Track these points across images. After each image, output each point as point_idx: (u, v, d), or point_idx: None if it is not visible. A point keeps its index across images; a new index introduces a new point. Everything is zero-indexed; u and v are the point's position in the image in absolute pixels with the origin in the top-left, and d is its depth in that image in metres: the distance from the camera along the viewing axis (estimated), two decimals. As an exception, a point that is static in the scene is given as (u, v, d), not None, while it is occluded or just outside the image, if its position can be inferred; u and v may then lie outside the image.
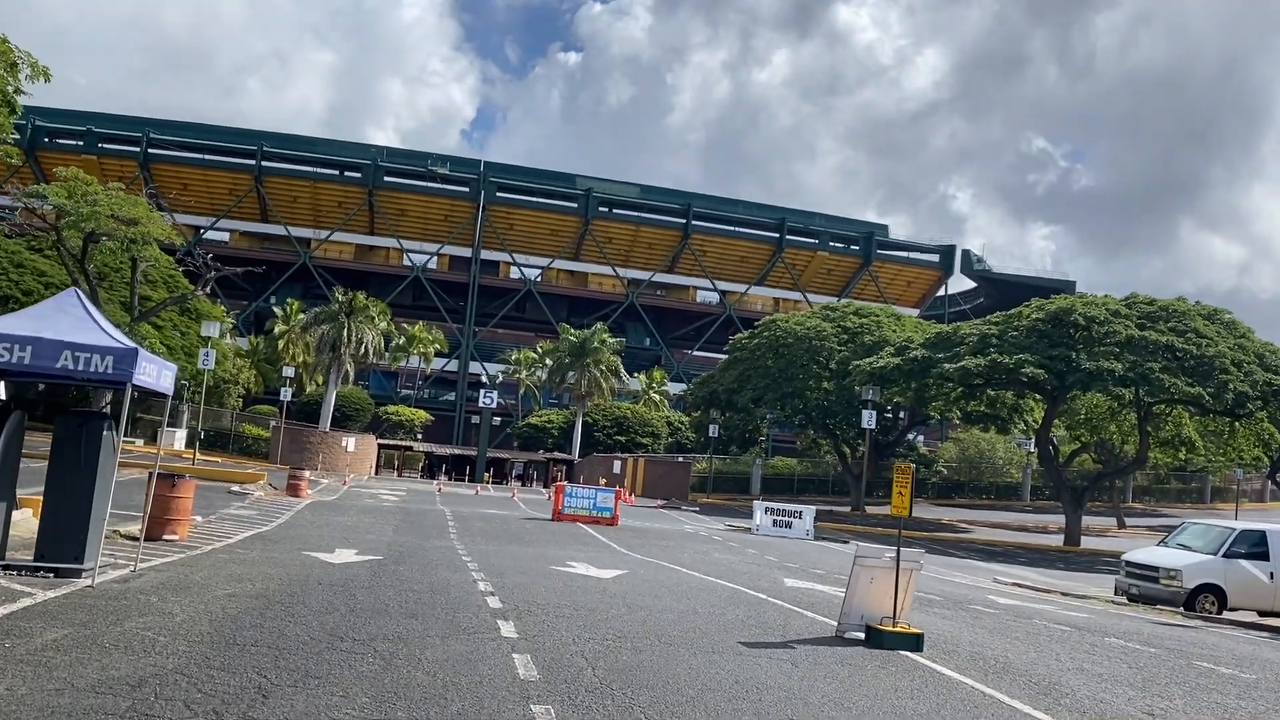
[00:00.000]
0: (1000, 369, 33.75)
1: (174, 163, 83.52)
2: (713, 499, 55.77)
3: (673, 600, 11.81)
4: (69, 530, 8.94)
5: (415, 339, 74.53)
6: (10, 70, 14.50)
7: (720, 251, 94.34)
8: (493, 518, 27.25)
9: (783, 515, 31.07)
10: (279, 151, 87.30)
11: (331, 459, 52.71)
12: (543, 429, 70.42)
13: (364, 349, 62.31)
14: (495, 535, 21.24)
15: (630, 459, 58.34)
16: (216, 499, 23.85)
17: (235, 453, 54.61)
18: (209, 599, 8.76)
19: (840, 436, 54.32)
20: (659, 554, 19.78)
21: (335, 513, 23.88)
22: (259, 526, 18.14)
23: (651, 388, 77.59)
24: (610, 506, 27.83)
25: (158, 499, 13.84)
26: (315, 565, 12.43)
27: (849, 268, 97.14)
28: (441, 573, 12.77)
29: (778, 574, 17.68)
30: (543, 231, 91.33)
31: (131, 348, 8.62)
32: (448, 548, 17.16)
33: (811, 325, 50.39)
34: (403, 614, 8.90)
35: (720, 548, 23.68)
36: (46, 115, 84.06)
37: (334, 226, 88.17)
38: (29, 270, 42.89)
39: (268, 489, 28.86)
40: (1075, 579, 26.27)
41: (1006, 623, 13.18)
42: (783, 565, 19.95)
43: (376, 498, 33.08)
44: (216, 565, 11.44)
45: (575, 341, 69.47)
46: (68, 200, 27.24)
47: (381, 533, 19.32)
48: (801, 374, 48.63)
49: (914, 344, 38.62)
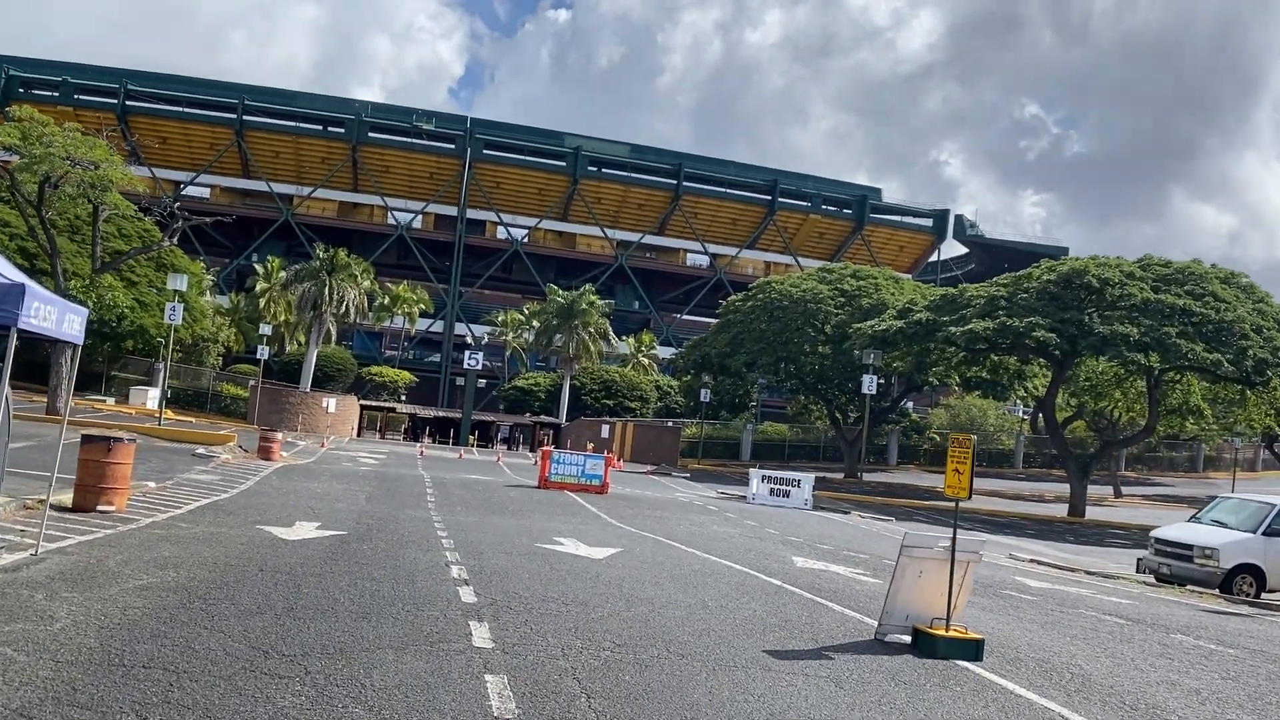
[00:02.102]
0: (1009, 332, 32.23)
1: (153, 115, 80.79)
2: (703, 465, 54.44)
3: (676, 589, 10.25)
4: (-56, 507, 7.31)
5: (399, 299, 72.61)
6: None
7: (711, 213, 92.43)
8: (475, 484, 25.71)
9: (780, 484, 29.64)
10: (261, 105, 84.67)
11: (312, 420, 51.05)
12: (529, 392, 68.86)
13: (346, 308, 60.50)
14: (476, 505, 19.70)
15: (619, 423, 56.86)
16: (179, 462, 22.20)
17: (213, 412, 52.86)
18: (112, 594, 7.14)
19: (834, 402, 52.94)
20: (653, 527, 18.28)
21: (306, 478, 22.29)
22: (217, 494, 16.52)
23: (640, 351, 76.01)
24: (600, 474, 26.31)
25: (91, 465, 12.22)
26: (264, 544, 10.83)
27: (842, 231, 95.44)
28: (410, 553, 11.20)
29: (784, 551, 16.20)
30: (530, 190, 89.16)
31: (17, 283, 6.92)
32: (423, 520, 15.60)
33: (807, 288, 48.76)
34: (354, 613, 7.31)
35: (717, 519, 22.22)
36: (21, 65, 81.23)
37: (317, 183, 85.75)
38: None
39: (236, 451, 27.21)
40: (1091, 554, 24.96)
41: (1053, 614, 11.72)
42: (786, 540, 18.48)
43: (355, 461, 31.51)
44: (144, 544, 9.81)
45: (563, 303, 67.73)
46: (21, 142, 25.28)
47: (352, 501, 17.75)
48: (796, 337, 47.07)
49: (917, 306, 37.04)
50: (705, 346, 52.69)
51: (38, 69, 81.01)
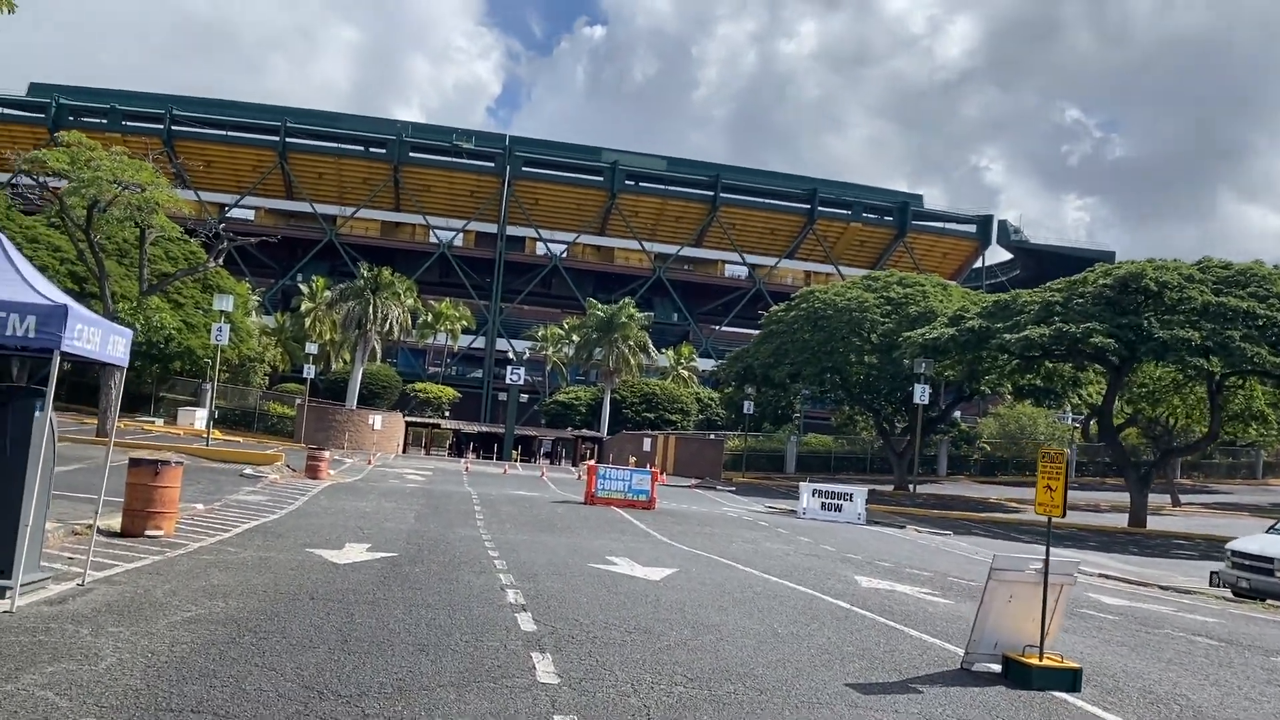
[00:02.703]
0: (1066, 338, 31.32)
1: (198, 140, 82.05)
2: (747, 478, 53.79)
3: (742, 615, 9.79)
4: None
5: (442, 316, 72.88)
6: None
7: (749, 224, 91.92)
8: (521, 500, 25.41)
9: (831, 498, 28.97)
10: (303, 127, 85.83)
11: (358, 437, 51.23)
12: (570, 406, 68.68)
13: (390, 326, 60.86)
14: (525, 522, 19.36)
15: (661, 436, 56.41)
16: (227, 483, 22.14)
17: (261, 432, 53.29)
18: (160, 628, 6.85)
19: (881, 412, 52.03)
20: (706, 544, 17.81)
21: (354, 497, 22.11)
22: (265, 516, 16.34)
23: (680, 363, 75.58)
24: (646, 489, 25.89)
25: (139, 489, 12.03)
26: (315, 569, 10.54)
27: (883, 239, 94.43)
28: (464, 576, 10.84)
29: (845, 570, 15.65)
30: (568, 206, 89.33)
31: (59, 304, 6.68)
32: (473, 538, 15.27)
33: (852, 296, 47.99)
34: (410, 646, 6.94)
35: (769, 535, 21.67)
36: (71, 94, 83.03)
37: (359, 203, 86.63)
38: (44, 245, 41.43)
39: (284, 471, 27.15)
40: (1158, 566, 24.03)
41: (1138, 635, 11.08)
42: (845, 558, 17.90)
43: (401, 478, 31.38)
44: (193, 572, 9.55)
45: (603, 316, 67.51)
46: (69, 166, 25.52)
47: (401, 520, 17.49)
48: (842, 347, 46.28)
49: (969, 313, 36.21)
50: (748, 358, 52.09)
51: (86, 97, 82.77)
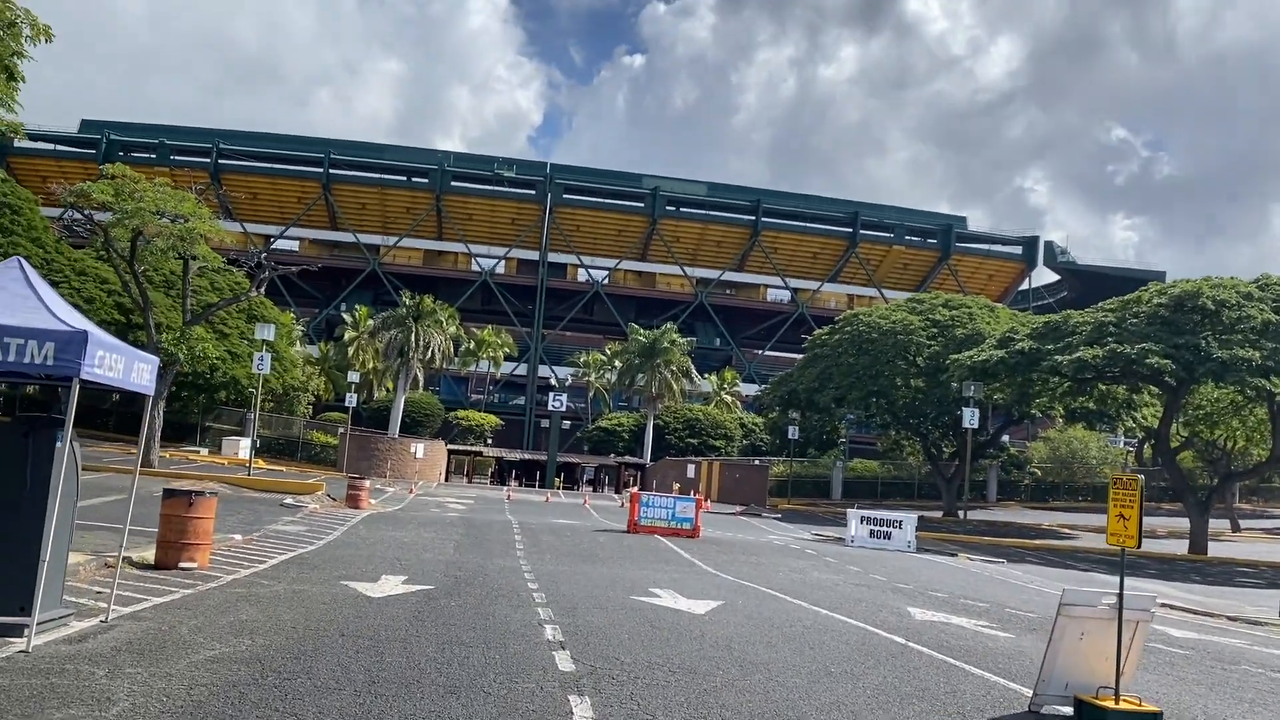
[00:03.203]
0: (1120, 359, 30.40)
1: (244, 172, 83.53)
2: (793, 504, 52.97)
3: (792, 651, 9.29)
4: (10, 574, 6.81)
5: (484, 343, 73.12)
6: (9, 30, 12.57)
7: (791, 248, 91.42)
8: (563, 529, 25.02)
9: (880, 525, 28.24)
10: (347, 159, 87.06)
11: (400, 466, 51.25)
12: (613, 432, 68.32)
13: (432, 353, 61.09)
14: (566, 552, 18.96)
15: (704, 462, 55.80)
16: (266, 513, 22.04)
17: (304, 460, 53.53)
18: (180, 668, 6.55)
19: (928, 437, 51.02)
20: (752, 574, 17.28)
21: (393, 527, 21.87)
22: (302, 546, 16.12)
23: (723, 389, 75.00)
24: (690, 517, 25.39)
25: (173, 520, 11.84)
26: (348, 603, 10.23)
27: (927, 261, 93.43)
28: (501, 610, 10.47)
29: (896, 601, 15.04)
30: (609, 232, 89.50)
31: (78, 330, 6.45)
32: (512, 569, 14.92)
33: (897, 319, 47.21)
34: (441, 688, 6.57)
35: (817, 564, 21.05)
36: (120, 129, 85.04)
37: (402, 232, 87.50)
38: (91, 278, 42.15)
39: (324, 500, 27.07)
40: (1224, 595, 23.02)
41: (1215, 673, 10.40)
42: (896, 588, 17.27)
43: (442, 507, 31.18)
44: (222, 606, 9.28)
45: (645, 342, 67.21)
46: (114, 198, 25.82)
47: (440, 550, 17.19)
48: (888, 370, 45.50)
49: (1019, 335, 35.35)
50: (792, 382, 51.41)
51: (136, 133, 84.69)
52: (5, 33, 12.92)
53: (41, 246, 42.30)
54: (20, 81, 13.29)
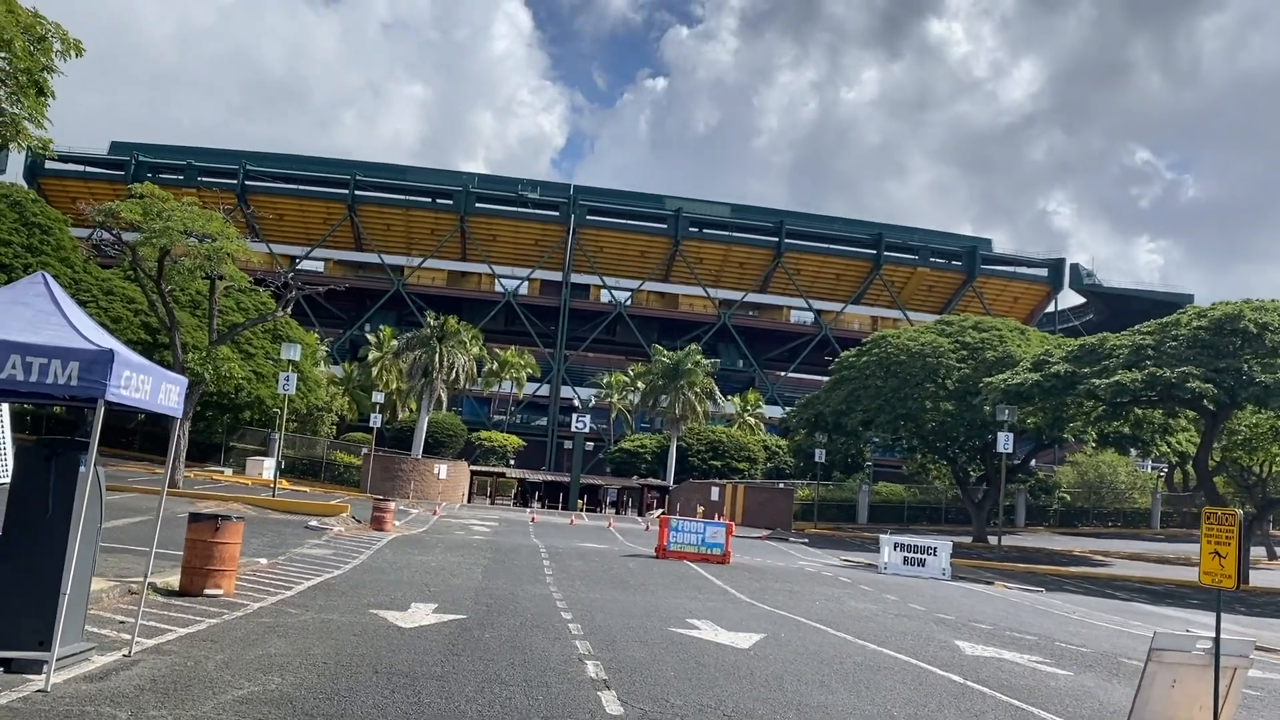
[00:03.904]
0: (1159, 383, 29.70)
1: (270, 194, 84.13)
2: (819, 528, 52.24)
3: (848, 692, 8.79)
4: (30, 605, 6.45)
5: (507, 364, 72.93)
6: (39, 45, 12.39)
7: (815, 270, 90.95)
8: (590, 553, 24.56)
9: (914, 551, 27.59)
10: (372, 180, 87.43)
11: (424, 487, 50.93)
12: (636, 454, 67.78)
13: (456, 374, 60.92)
14: (596, 577, 18.50)
15: (729, 486, 55.16)
16: (291, 535, 21.71)
17: (328, 481, 53.37)
18: (206, 710, 6.14)
19: (957, 461, 50.19)
20: (788, 603, 16.75)
21: (420, 550, 21.49)
22: (329, 571, 15.75)
23: (746, 410, 74.37)
24: (721, 543, 24.85)
25: (199, 545, 11.48)
26: (379, 634, 9.82)
27: (952, 284, 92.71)
28: (537, 643, 10.03)
29: (942, 633, 14.48)
30: (632, 253, 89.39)
31: (104, 349, 6.11)
32: (543, 597, 14.48)
33: (926, 341, 46.55)
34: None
35: (852, 592, 20.47)
36: (149, 151, 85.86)
37: (427, 253, 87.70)
38: (119, 297, 42.26)
39: (349, 523, 26.73)
40: (1273, 627, 22.24)
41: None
42: (938, 619, 16.70)
43: (467, 529, 30.78)
44: (250, 639, 8.88)
45: (668, 363, 66.76)
46: (142, 217, 25.76)
47: (469, 576, 16.77)
48: (916, 393, 44.76)
49: (1053, 357, 34.68)
50: (818, 404, 50.76)
51: (164, 154, 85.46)
52: (36, 48, 12.72)
53: (70, 266, 42.48)
54: (50, 97, 13.09)
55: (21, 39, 12.13)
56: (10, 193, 42.95)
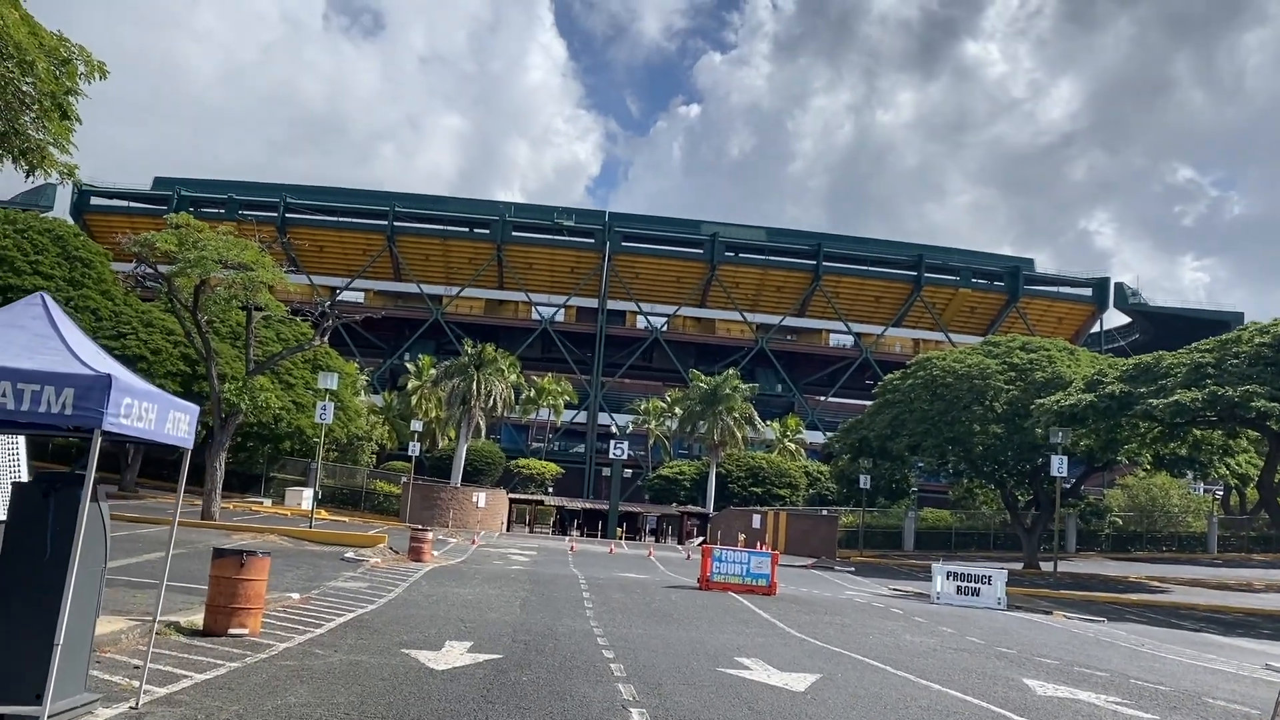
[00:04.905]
0: (1220, 402, 28.48)
1: (310, 226, 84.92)
2: (865, 556, 51.03)
3: (919, 742, 8.03)
4: (27, 656, 5.92)
5: (544, 391, 72.62)
6: (64, 67, 12.12)
7: (853, 292, 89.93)
8: (631, 584, 23.84)
9: (968, 580, 26.54)
10: (410, 211, 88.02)
11: (463, 515, 50.55)
12: (675, 481, 66.96)
13: (494, 402, 60.68)
14: (638, 610, 17.79)
15: (770, 513, 54.13)
16: (326, 568, 21.24)
17: (367, 510, 53.20)
18: (213, 775, 5.58)
19: (1005, 485, 48.78)
20: (840, 638, 15.93)
21: (457, 582, 20.92)
22: (362, 606, 15.20)
23: (786, 436, 73.26)
24: (767, 573, 24.02)
25: (223, 582, 10.98)
26: (409, 678, 9.21)
27: (994, 305, 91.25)
28: (578, 687, 9.37)
29: (1007, 670, 13.59)
30: (668, 279, 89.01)
31: (100, 374, 5.59)
32: (583, 633, 13.81)
33: (973, 362, 45.39)
34: (519, 800, 5.50)
35: (906, 625, 19.56)
36: (191, 186, 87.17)
37: (464, 282, 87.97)
38: (158, 329, 42.39)
39: (386, 554, 26.24)
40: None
41: None
42: (999, 653, 15.78)
43: (506, 559, 30.21)
44: (270, 686, 8.31)
45: (706, 389, 65.99)
46: (178, 247, 25.68)
47: (507, 610, 16.15)
48: (964, 416, 43.57)
49: (1108, 377, 33.49)
50: (862, 429, 49.66)
51: (206, 189, 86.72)
52: (60, 70, 12.45)
53: (110, 299, 42.77)
54: (76, 122, 12.80)
55: (45, 61, 11.86)
56: (53, 227, 43.45)
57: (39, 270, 39.89)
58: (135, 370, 8.17)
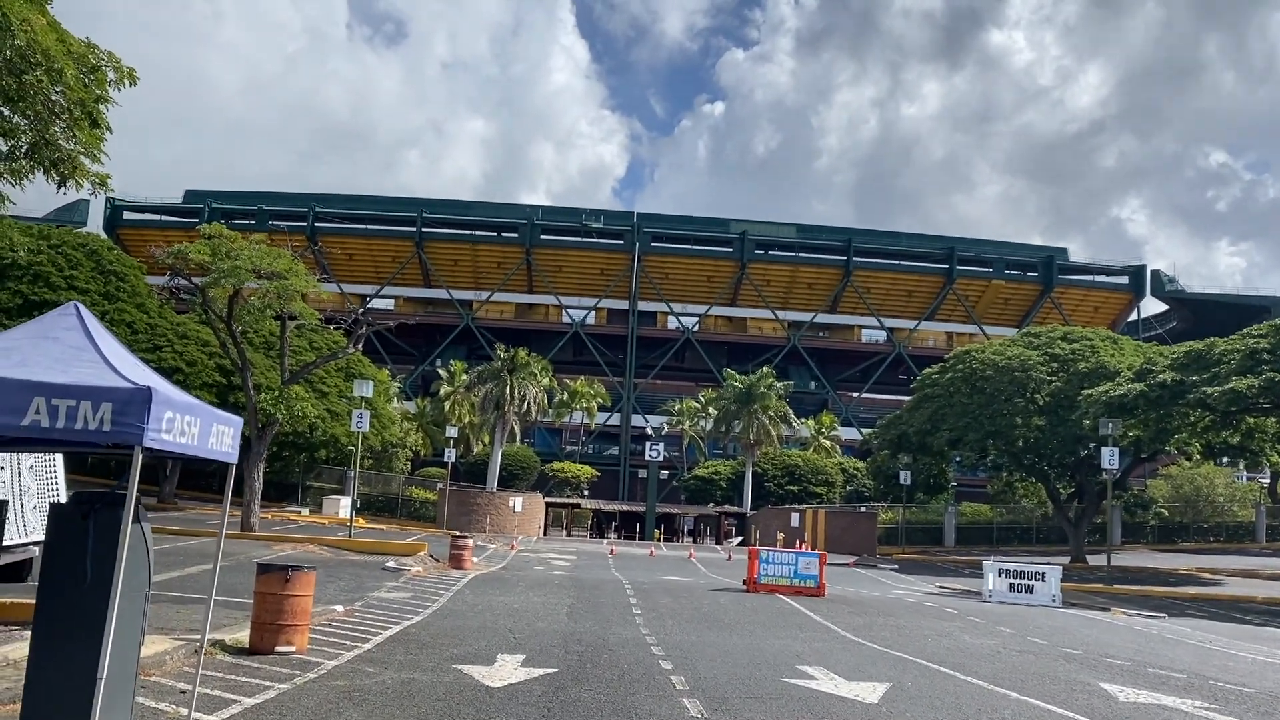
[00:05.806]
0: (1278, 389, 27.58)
1: (339, 234, 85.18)
2: (906, 553, 50.27)
3: (1013, 760, 7.52)
4: (67, 689, 5.57)
5: (577, 394, 72.28)
6: (93, 75, 11.85)
7: (885, 287, 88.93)
8: (676, 588, 23.39)
9: (1021, 578, 25.84)
10: (438, 217, 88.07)
11: (499, 520, 50.29)
12: (710, 480, 66.39)
13: (527, 406, 60.46)
14: (688, 616, 17.33)
15: (809, 511, 53.43)
16: (368, 578, 20.95)
17: (404, 517, 53.14)
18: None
19: (1050, 478, 47.78)
20: (899, 641, 15.39)
21: (500, 590, 20.57)
22: (408, 617, 14.87)
23: (821, 433, 72.45)
24: (815, 574, 23.48)
25: (269, 599, 10.64)
26: (466, 698, 8.81)
27: (1029, 295, 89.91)
28: (641, 702, 8.93)
29: (1080, 673, 13.00)
30: (698, 278, 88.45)
31: (140, 387, 5.21)
32: (636, 641, 13.37)
33: (1013, 354, 44.48)
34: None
35: (963, 625, 18.95)
36: (222, 198, 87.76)
37: (494, 287, 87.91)
38: (193, 341, 42.50)
39: (427, 562, 25.96)
40: None
41: None
42: (1065, 654, 15.17)
43: (546, 564, 29.87)
44: (322, 710, 7.93)
45: (740, 388, 65.39)
46: (210, 258, 25.55)
47: (554, 618, 15.77)
48: (1006, 409, 42.67)
49: (1157, 366, 32.60)
50: (901, 424, 48.86)
51: (236, 200, 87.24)
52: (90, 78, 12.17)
53: (145, 311, 42.92)
54: (106, 130, 12.53)
55: (73, 68, 11.58)
56: (87, 241, 43.66)
57: (74, 285, 40.08)
58: (172, 382, 7.98)
